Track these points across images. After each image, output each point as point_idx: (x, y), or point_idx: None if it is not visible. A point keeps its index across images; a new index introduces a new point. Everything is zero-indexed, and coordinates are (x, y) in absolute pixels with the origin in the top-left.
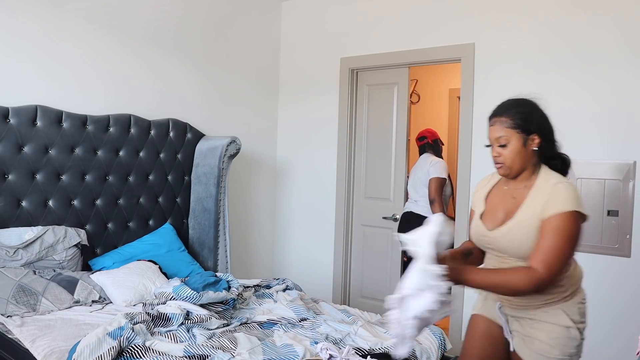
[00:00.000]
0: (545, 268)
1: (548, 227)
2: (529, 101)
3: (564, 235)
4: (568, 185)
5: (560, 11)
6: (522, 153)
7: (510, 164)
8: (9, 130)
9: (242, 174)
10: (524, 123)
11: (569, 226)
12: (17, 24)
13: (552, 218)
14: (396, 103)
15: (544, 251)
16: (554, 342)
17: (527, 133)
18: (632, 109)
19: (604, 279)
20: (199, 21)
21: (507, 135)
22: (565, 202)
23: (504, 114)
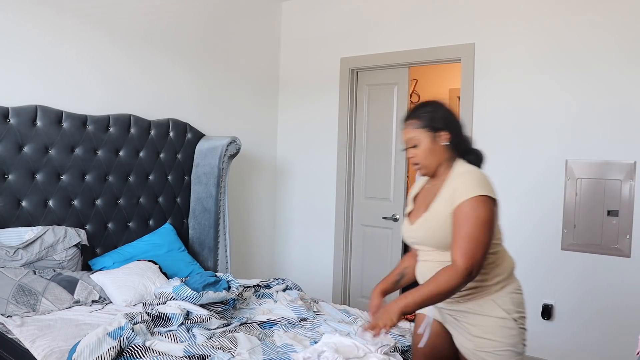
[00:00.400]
0: (463, 258)
1: (459, 216)
2: (434, 101)
3: (475, 221)
4: (475, 173)
5: (560, 11)
6: (433, 150)
7: (424, 162)
8: (9, 130)
9: (242, 174)
10: (430, 121)
11: (478, 212)
12: (16, 24)
13: (461, 206)
14: (396, 103)
15: (459, 242)
16: (490, 335)
17: (435, 130)
18: (632, 109)
19: (604, 279)
20: (199, 21)
21: (417, 136)
22: (472, 188)
23: (412, 117)
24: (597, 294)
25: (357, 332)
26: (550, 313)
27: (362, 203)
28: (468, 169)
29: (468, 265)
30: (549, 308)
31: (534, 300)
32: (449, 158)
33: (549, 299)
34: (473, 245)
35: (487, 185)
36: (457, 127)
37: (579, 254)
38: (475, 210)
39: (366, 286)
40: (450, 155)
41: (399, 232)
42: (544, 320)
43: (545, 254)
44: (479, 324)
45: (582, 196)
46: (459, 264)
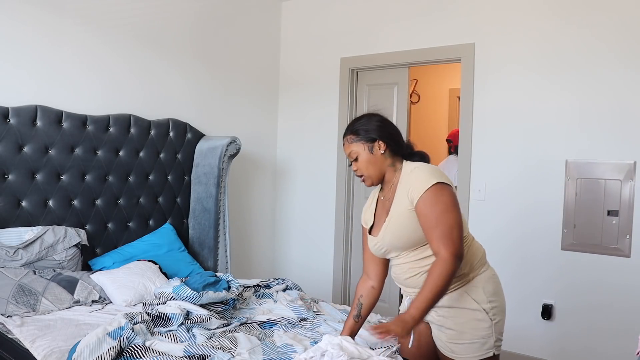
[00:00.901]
0: (444, 246)
1: (423, 209)
2: (367, 114)
3: (440, 207)
4: (423, 166)
5: (560, 11)
6: (372, 160)
7: (367, 173)
8: (9, 130)
9: (242, 174)
10: (365, 133)
11: (439, 198)
12: (17, 25)
13: (421, 199)
14: (396, 103)
15: (434, 233)
16: (462, 327)
17: (370, 141)
18: (632, 109)
19: (604, 279)
20: (199, 21)
21: (355, 149)
22: (426, 180)
23: (348, 132)
24: (597, 294)
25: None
26: (550, 313)
27: (362, 203)
28: (415, 165)
29: (451, 250)
30: (549, 308)
31: (534, 300)
32: (391, 164)
33: (549, 299)
34: (448, 230)
35: (438, 173)
36: (391, 134)
37: (579, 254)
38: (436, 197)
39: None
40: (392, 161)
41: None
42: (544, 320)
43: (545, 254)
44: (452, 315)
45: (582, 196)
46: (443, 253)
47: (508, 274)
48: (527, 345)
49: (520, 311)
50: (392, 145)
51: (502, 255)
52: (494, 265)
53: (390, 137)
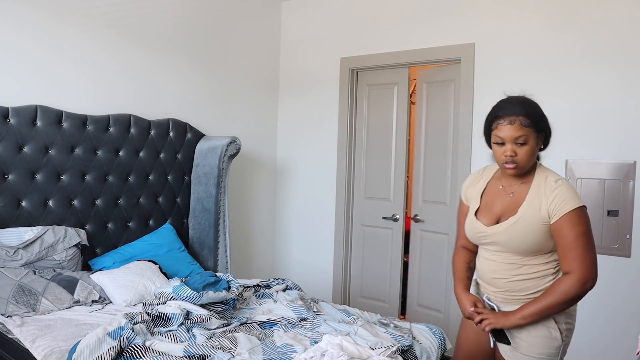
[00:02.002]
0: (583, 267)
1: (565, 229)
2: (528, 99)
3: (583, 230)
4: (567, 183)
5: (560, 10)
6: (534, 152)
7: (524, 164)
8: (9, 130)
9: (242, 174)
10: (538, 122)
11: (583, 220)
12: (17, 25)
13: (564, 219)
14: (396, 103)
15: (574, 253)
16: (533, 341)
17: (539, 132)
18: (633, 109)
19: (604, 279)
20: (199, 21)
21: (526, 134)
22: (571, 200)
23: (521, 113)
24: (597, 293)
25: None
26: None
27: (362, 203)
28: (557, 177)
29: (589, 273)
30: None
31: None
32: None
33: None
34: (588, 254)
35: (579, 196)
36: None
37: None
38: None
39: (366, 286)
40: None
41: (399, 232)
42: None
43: None
44: (529, 326)
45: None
46: (580, 272)
47: None
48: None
49: None
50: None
51: None
52: None
53: (549, 135)
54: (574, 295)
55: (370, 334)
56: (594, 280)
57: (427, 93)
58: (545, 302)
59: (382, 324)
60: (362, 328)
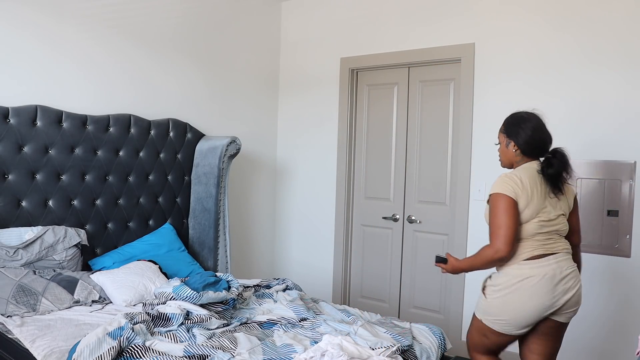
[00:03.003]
0: (495, 240)
1: (489, 210)
2: (519, 114)
3: (495, 212)
4: (501, 177)
5: (560, 10)
6: (504, 152)
7: (500, 159)
8: (9, 130)
9: (242, 174)
10: (507, 128)
11: (495, 204)
12: (17, 26)
13: (489, 202)
14: (396, 103)
15: (490, 229)
16: (478, 300)
17: (509, 137)
18: (632, 109)
19: (604, 279)
20: (199, 21)
21: (499, 138)
22: (492, 189)
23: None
24: (597, 293)
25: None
26: None
27: (362, 203)
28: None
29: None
30: None
31: None
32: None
33: None
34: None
35: (502, 186)
36: (519, 136)
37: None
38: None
39: (366, 286)
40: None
41: (399, 232)
42: None
43: None
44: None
45: (582, 196)
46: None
47: None
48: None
49: None
50: (521, 147)
51: None
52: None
53: (519, 140)
54: (489, 260)
55: (370, 334)
56: (504, 251)
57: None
58: (472, 260)
59: (382, 324)
60: (362, 328)
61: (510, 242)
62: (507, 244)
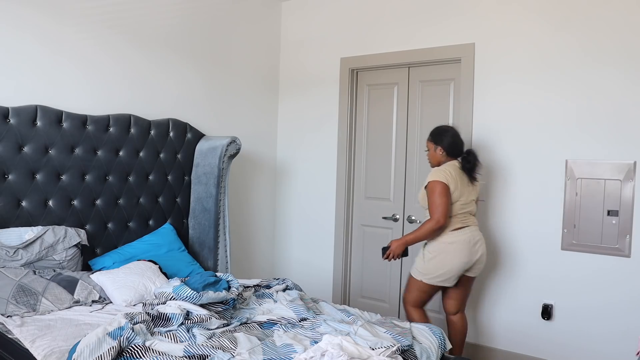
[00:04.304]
0: (435, 214)
1: (428, 193)
2: (442, 126)
3: (434, 194)
4: (435, 169)
5: (560, 11)
6: (434, 155)
7: (430, 161)
8: (9, 130)
9: (242, 174)
10: (434, 137)
11: (433, 189)
12: (17, 24)
13: (427, 187)
14: (396, 103)
15: (431, 207)
16: (416, 260)
17: (437, 144)
18: (632, 109)
19: (604, 279)
20: (199, 21)
21: (427, 146)
22: (430, 178)
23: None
24: (597, 294)
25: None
26: (550, 313)
27: (362, 203)
28: (438, 168)
29: (437, 218)
30: (549, 308)
31: (534, 300)
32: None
33: (549, 299)
34: (439, 208)
35: (437, 175)
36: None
37: (579, 254)
38: (432, 188)
39: (366, 286)
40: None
41: (399, 232)
42: (544, 320)
43: (545, 254)
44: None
45: (582, 196)
46: (433, 217)
47: (508, 273)
48: (527, 345)
49: (520, 311)
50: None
51: (502, 255)
52: (494, 267)
53: (445, 144)
54: (432, 230)
55: (370, 334)
56: (443, 222)
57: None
58: (418, 232)
59: (382, 324)
60: (362, 328)
61: (447, 215)
62: (445, 216)
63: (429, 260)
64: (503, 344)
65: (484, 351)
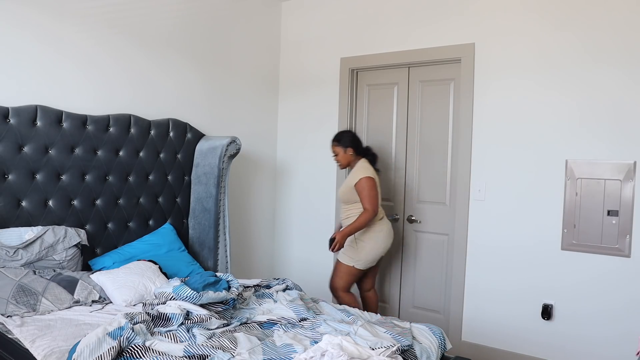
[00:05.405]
0: (368, 206)
1: (359, 188)
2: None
3: (365, 188)
4: (360, 168)
5: (560, 11)
6: (345, 157)
7: (341, 162)
8: (9, 130)
9: (242, 174)
10: (341, 141)
11: (363, 184)
12: (17, 24)
13: (358, 183)
14: (396, 103)
15: (364, 200)
16: (346, 249)
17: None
18: (632, 109)
19: (604, 279)
20: (199, 21)
21: (335, 149)
22: (359, 175)
23: (334, 139)
24: (597, 294)
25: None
26: (550, 313)
27: None
28: (360, 166)
29: (371, 209)
30: (549, 308)
31: (534, 300)
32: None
33: (549, 299)
34: (371, 201)
35: (364, 171)
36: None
37: (579, 254)
38: (362, 184)
39: None
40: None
41: (399, 232)
42: (544, 320)
43: (545, 254)
44: (345, 242)
45: (582, 196)
46: (367, 209)
47: (508, 273)
48: (527, 345)
49: (520, 311)
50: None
51: (502, 255)
52: (494, 267)
53: (353, 146)
54: (368, 220)
55: (370, 333)
56: (376, 212)
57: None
58: (356, 224)
59: (382, 324)
60: (362, 328)
61: (378, 207)
62: (377, 207)
63: (362, 248)
64: (503, 344)
65: (484, 351)
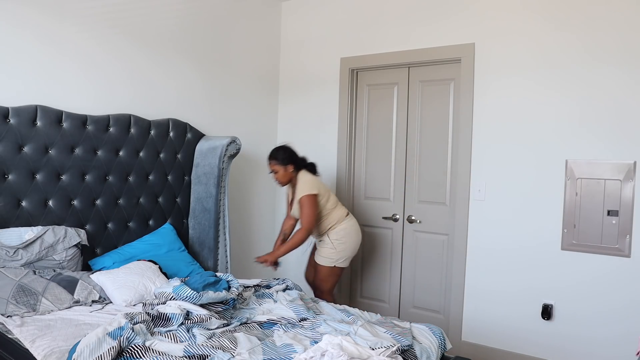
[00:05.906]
0: (306, 224)
1: (300, 205)
2: (282, 147)
3: (305, 206)
4: (305, 183)
5: (559, 11)
6: (285, 174)
7: (280, 180)
8: (9, 130)
9: (242, 174)
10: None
11: (304, 202)
12: (17, 24)
13: (300, 200)
14: (396, 103)
15: (303, 218)
16: (324, 252)
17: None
18: (632, 110)
19: (604, 279)
20: (199, 21)
21: (275, 167)
22: (303, 192)
23: (270, 156)
24: (597, 294)
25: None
26: (550, 313)
27: (362, 203)
28: (304, 181)
29: (307, 228)
30: (549, 308)
31: (534, 300)
32: None
33: (549, 299)
34: (307, 219)
35: (308, 186)
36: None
37: (579, 254)
38: (304, 201)
39: (366, 286)
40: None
41: (399, 232)
42: (544, 320)
43: (545, 254)
44: (321, 246)
45: (582, 196)
46: (304, 227)
47: (508, 274)
48: (527, 345)
49: (520, 311)
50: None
51: (502, 256)
52: (494, 267)
53: (293, 162)
54: (304, 239)
55: (370, 333)
56: (309, 232)
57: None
58: (289, 245)
59: (382, 324)
60: (362, 328)
61: (315, 224)
62: (313, 226)
63: (339, 247)
64: (503, 344)
65: (484, 351)
